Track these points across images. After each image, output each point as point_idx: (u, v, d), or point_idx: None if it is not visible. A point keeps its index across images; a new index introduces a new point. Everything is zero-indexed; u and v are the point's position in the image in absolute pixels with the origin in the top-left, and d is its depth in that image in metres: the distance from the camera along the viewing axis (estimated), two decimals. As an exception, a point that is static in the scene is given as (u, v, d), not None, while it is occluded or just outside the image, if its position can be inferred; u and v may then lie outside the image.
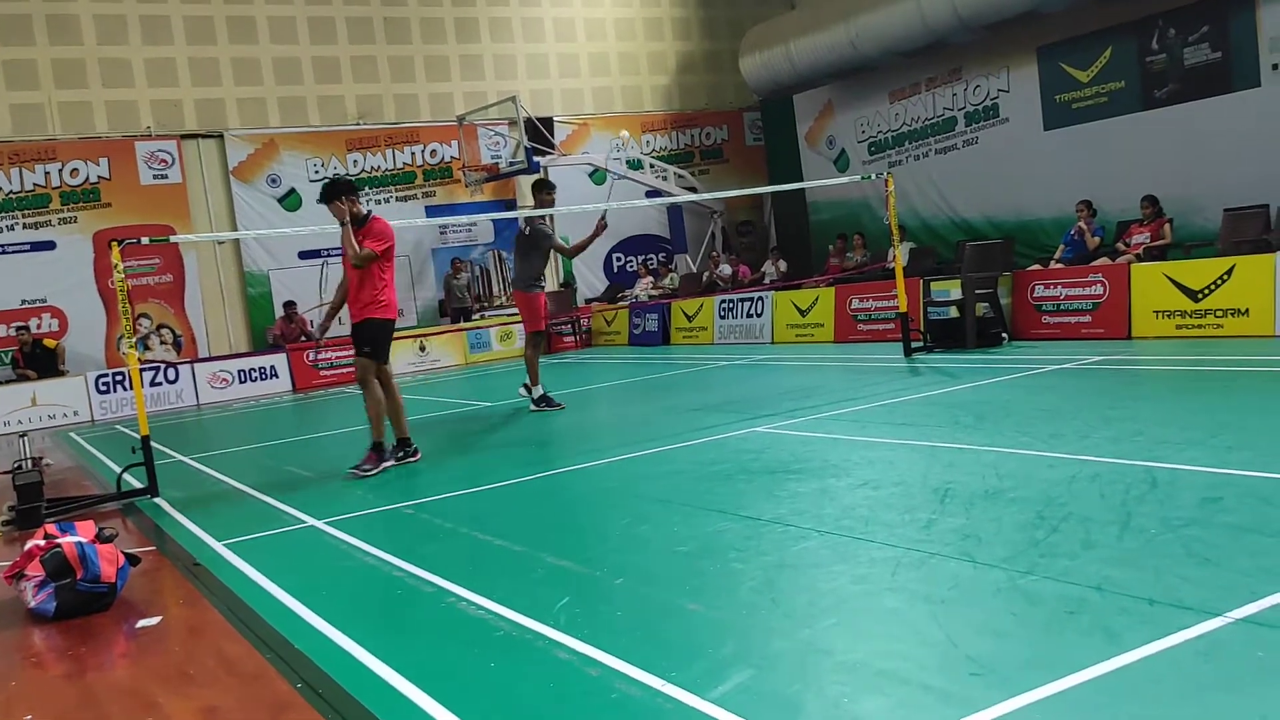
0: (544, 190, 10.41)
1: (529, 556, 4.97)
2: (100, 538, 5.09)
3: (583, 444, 8.35)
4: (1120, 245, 13.17)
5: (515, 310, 19.55)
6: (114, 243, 7.81)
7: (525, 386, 10.76)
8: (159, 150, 17.42)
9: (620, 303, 19.93)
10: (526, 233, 10.43)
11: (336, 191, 7.87)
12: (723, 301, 16.74)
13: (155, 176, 17.40)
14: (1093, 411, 6.95)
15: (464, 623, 4.06)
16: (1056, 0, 14.49)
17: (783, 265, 19.07)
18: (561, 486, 6.58)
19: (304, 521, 6.33)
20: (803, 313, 15.07)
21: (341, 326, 10.36)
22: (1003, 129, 17.15)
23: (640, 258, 21.38)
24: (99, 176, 17.00)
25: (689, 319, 17.47)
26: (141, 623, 4.63)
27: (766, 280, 18.49)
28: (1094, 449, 5.69)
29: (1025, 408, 7.41)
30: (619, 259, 21.61)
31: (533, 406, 10.57)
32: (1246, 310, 9.95)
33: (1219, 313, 10.17)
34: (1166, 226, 12.84)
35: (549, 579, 4.54)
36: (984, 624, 3.38)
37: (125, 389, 16.00)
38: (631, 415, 9.84)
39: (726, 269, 19.42)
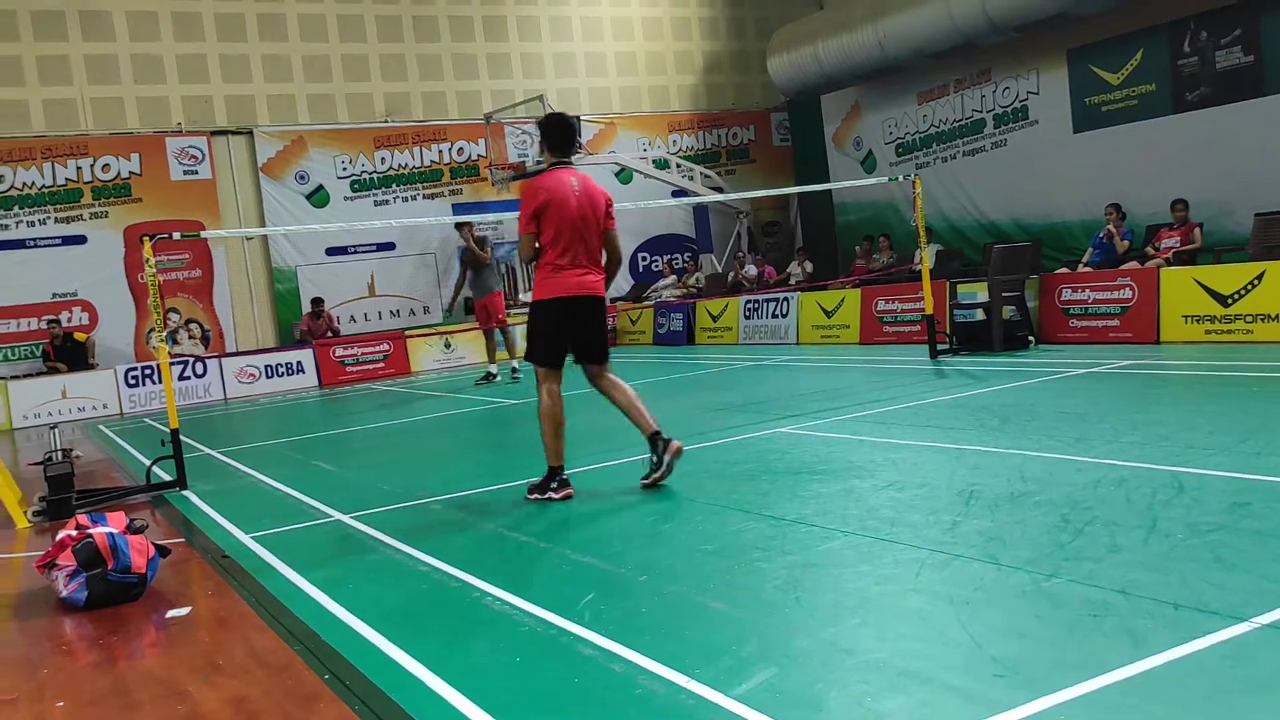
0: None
1: (553, 553, 5.00)
2: (131, 529, 5.16)
3: (607, 442, 8.37)
4: (1149, 249, 13.07)
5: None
6: (145, 238, 7.90)
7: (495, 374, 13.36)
8: (189, 146, 17.58)
9: (645, 302, 19.95)
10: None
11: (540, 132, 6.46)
12: (748, 302, 16.73)
13: (185, 172, 17.57)
14: (1119, 416, 6.91)
15: (489, 618, 4.09)
16: (1087, 2, 14.39)
17: (809, 266, 19.04)
18: (584, 484, 6.61)
19: (330, 516, 6.39)
20: (828, 314, 15.04)
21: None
22: (1032, 131, 17.05)
23: (666, 257, 21.40)
24: (130, 172, 17.18)
25: (714, 319, 17.47)
26: (171, 613, 4.69)
27: (792, 281, 18.46)
28: (1120, 453, 5.67)
29: (1051, 411, 7.38)
30: (644, 258, 21.64)
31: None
32: (1277, 316, 9.86)
33: (1249, 318, 10.09)
34: (1196, 231, 12.73)
35: (574, 575, 4.56)
36: (1008, 625, 3.38)
37: (154, 383, 16.16)
38: (655, 414, 9.83)
39: (752, 269, 19.40)
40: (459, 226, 14.26)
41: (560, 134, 6.27)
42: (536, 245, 6.05)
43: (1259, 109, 13.84)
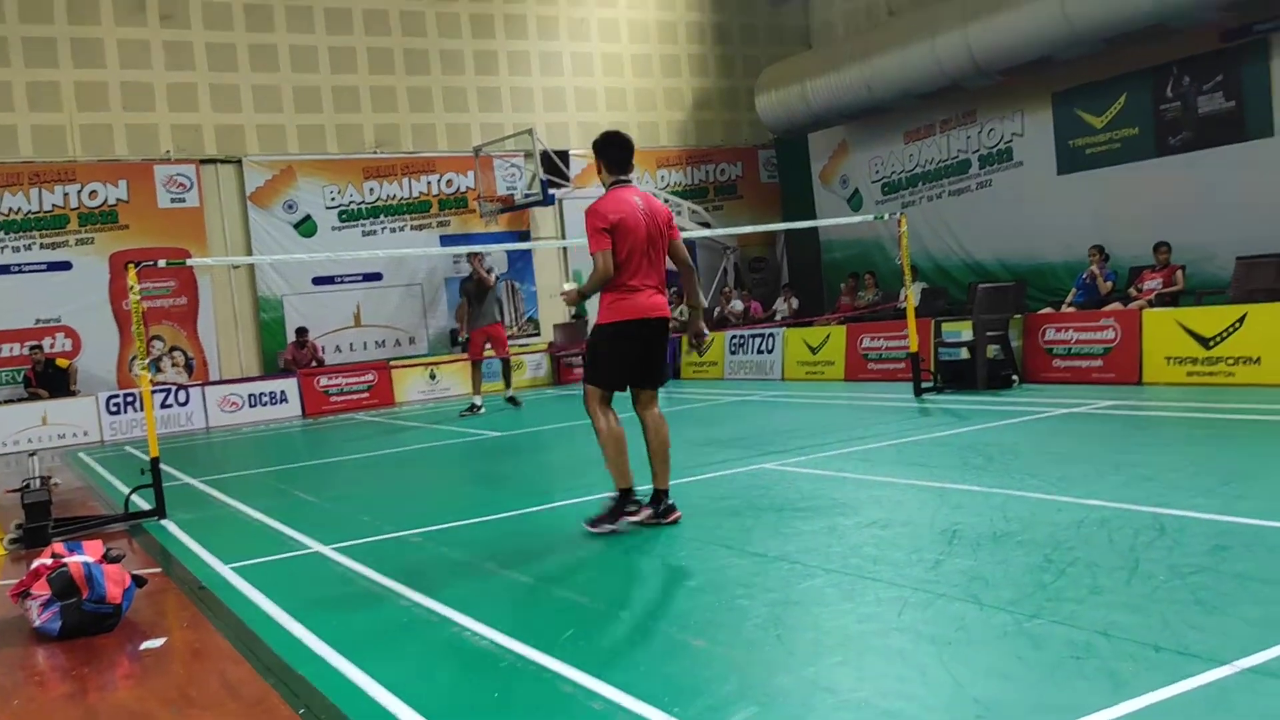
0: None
1: (534, 588, 4.96)
2: (107, 558, 5.10)
3: (590, 475, 8.33)
4: (1132, 291, 13.17)
5: (525, 340, 19.72)
6: (131, 265, 7.88)
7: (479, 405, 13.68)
8: (178, 174, 17.57)
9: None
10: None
11: (595, 150, 6.27)
12: (734, 337, 16.76)
13: (173, 200, 17.54)
14: (1102, 456, 6.93)
15: (469, 652, 4.06)
16: (1071, 47, 14.57)
17: (794, 302, 19.10)
18: (569, 518, 6.57)
19: (310, 547, 6.34)
20: (814, 350, 15.08)
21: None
22: (1017, 172, 17.21)
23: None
24: (117, 199, 17.15)
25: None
26: (145, 644, 4.63)
27: (778, 317, 18.51)
28: (1103, 494, 5.68)
29: (1034, 451, 7.39)
30: (631, 292, 21.63)
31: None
32: (1258, 359, 9.93)
33: (1230, 360, 10.15)
34: (1179, 273, 12.85)
35: (554, 610, 4.53)
36: (990, 666, 3.37)
37: (136, 410, 16.05)
38: (640, 448, 9.82)
39: (738, 305, 19.45)
40: (470, 257, 14.52)
41: (617, 152, 6.13)
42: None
43: (1240, 154, 14.01)
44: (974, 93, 17.04)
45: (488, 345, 14.49)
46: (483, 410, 14.17)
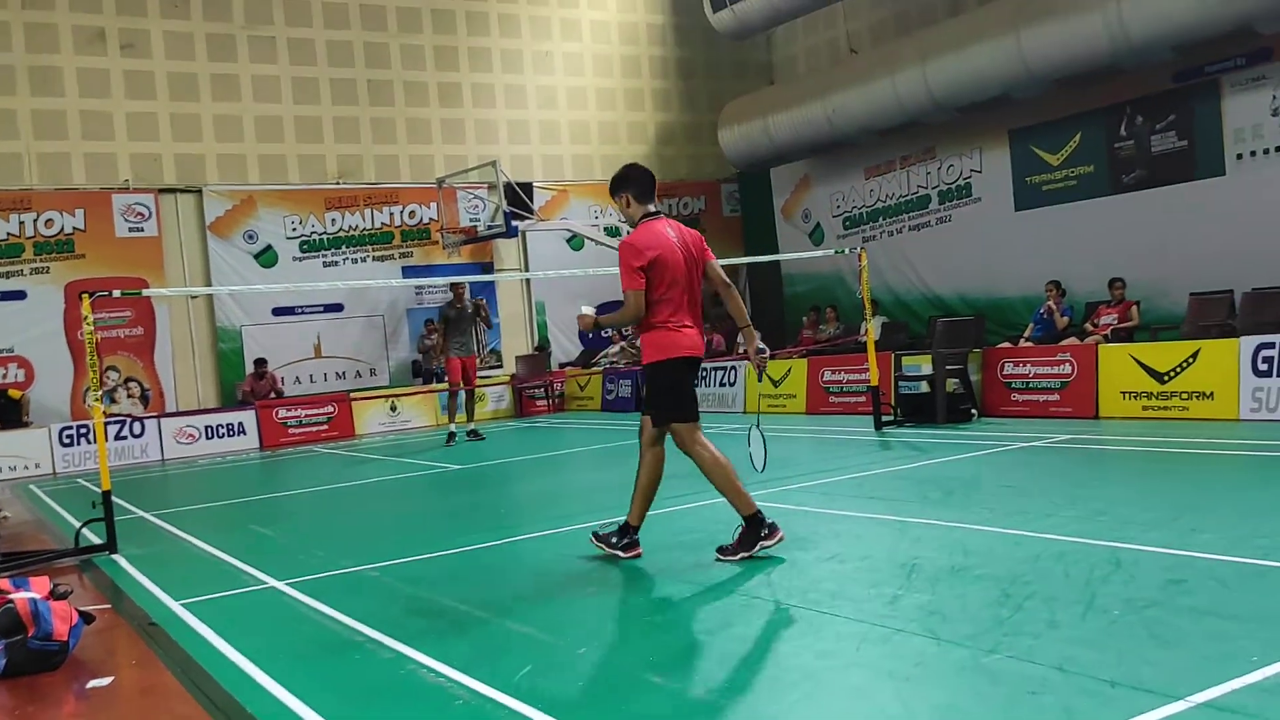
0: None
1: (492, 623, 4.91)
2: (54, 594, 4.99)
3: (551, 509, 8.30)
4: (1088, 326, 13.36)
5: (488, 372, 19.62)
6: (85, 295, 7.77)
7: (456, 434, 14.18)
8: (136, 203, 17.39)
9: (594, 368, 19.95)
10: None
11: (613, 186, 6.26)
12: (696, 370, 16.76)
13: (131, 229, 17.36)
14: (1059, 490, 6.99)
15: (423, 690, 4.00)
16: (1027, 86, 14.84)
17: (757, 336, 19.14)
18: (528, 552, 6.53)
19: (265, 582, 6.23)
20: (775, 383, 15.13)
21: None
22: (975, 208, 17.44)
23: (615, 324, 21.44)
24: (74, 228, 16.94)
25: (662, 386, 17.46)
26: (92, 683, 4.53)
27: (740, 350, 18.56)
28: (1060, 528, 5.72)
29: (993, 484, 7.44)
30: (594, 324, 21.64)
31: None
32: (1211, 393, 10.08)
33: (1184, 395, 10.30)
34: (1134, 308, 13.05)
35: (511, 646, 4.48)
36: (947, 702, 3.37)
37: (89, 442, 15.78)
38: (602, 481, 9.80)
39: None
40: (453, 286, 14.66)
41: (647, 181, 6.09)
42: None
43: (1192, 192, 14.29)
44: (933, 129, 17.29)
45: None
46: (454, 442, 14.18)
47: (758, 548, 5.61)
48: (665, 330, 5.73)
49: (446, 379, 14.94)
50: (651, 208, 6.03)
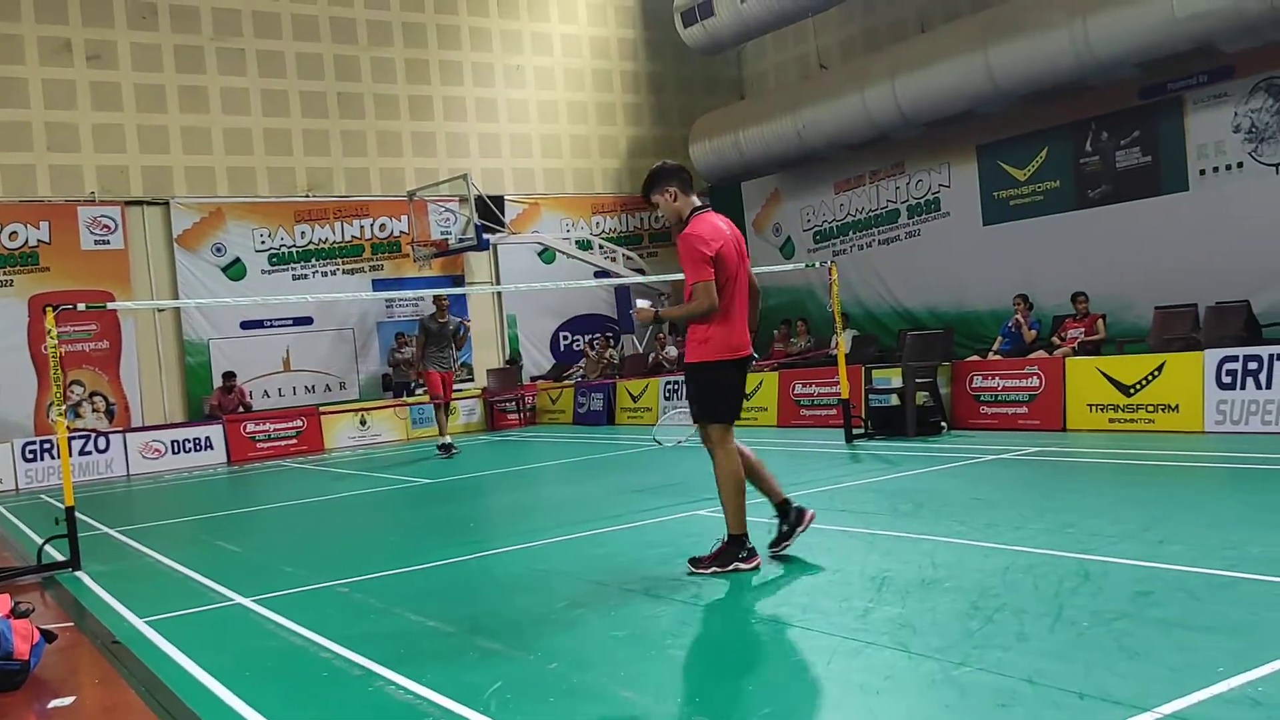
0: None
1: (461, 639, 4.87)
2: (15, 612, 4.91)
3: (522, 524, 8.25)
4: (1055, 339, 13.48)
5: (459, 385, 19.53)
6: (49, 308, 7.67)
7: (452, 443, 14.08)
8: (102, 216, 17.22)
9: (565, 381, 19.91)
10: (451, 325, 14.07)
11: (653, 182, 5.99)
12: (668, 383, 16.79)
13: (97, 242, 17.18)
14: (1028, 503, 7.03)
15: (392, 708, 3.95)
16: (995, 101, 14.99)
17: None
18: (498, 567, 6.49)
19: (231, 599, 6.16)
20: (747, 396, 15.14)
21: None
22: (944, 223, 17.58)
23: (587, 337, 21.43)
24: (39, 240, 16.74)
25: (634, 399, 17.48)
26: (54, 703, 4.45)
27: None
28: (1029, 540, 5.75)
29: (962, 497, 7.48)
30: (565, 338, 21.65)
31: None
32: (1176, 406, 10.19)
33: (1150, 408, 10.40)
34: (1100, 321, 13.18)
35: (481, 663, 4.44)
36: (918, 715, 3.37)
37: (53, 457, 15.57)
38: (572, 495, 9.77)
39: (673, 350, 19.50)
40: (437, 299, 14.52)
41: (689, 175, 5.98)
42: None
43: (1156, 207, 14.47)
44: (902, 144, 17.42)
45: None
46: (456, 449, 14.21)
47: (731, 567, 5.54)
48: (716, 327, 5.60)
49: (427, 391, 14.84)
50: (697, 200, 5.91)
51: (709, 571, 5.56)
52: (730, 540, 5.60)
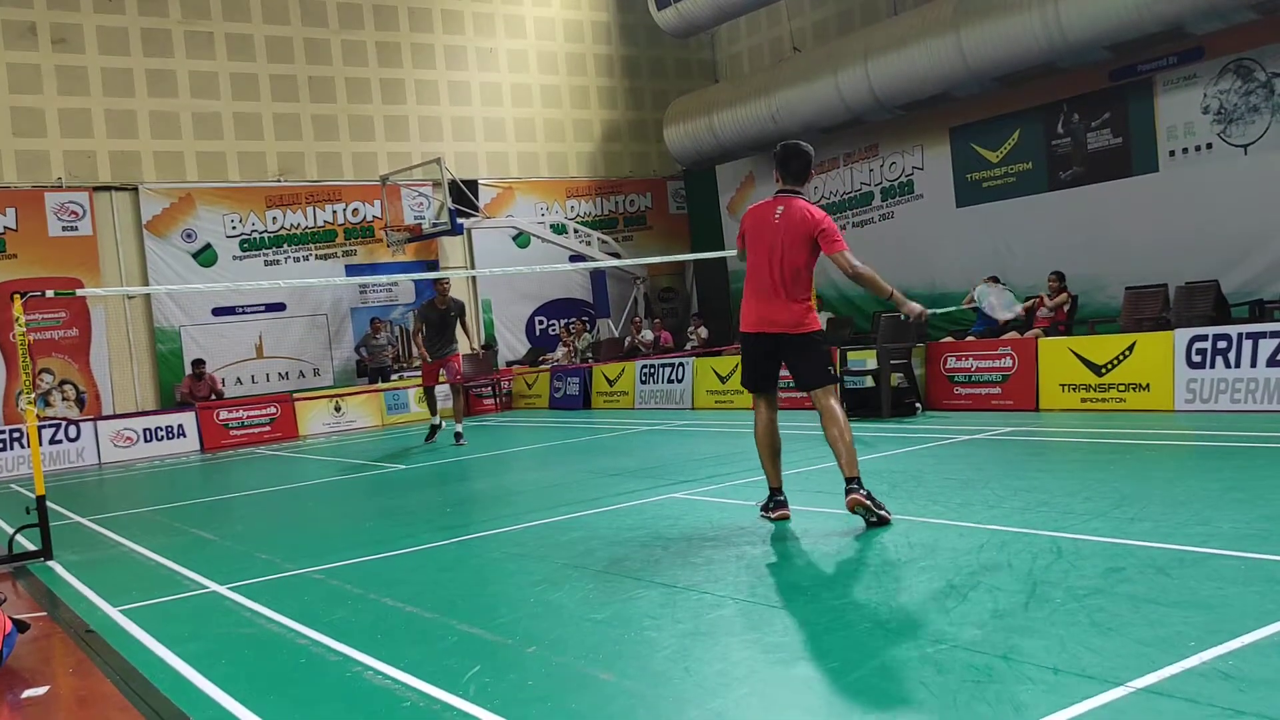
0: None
1: (439, 624, 4.86)
2: (-13, 602, 4.86)
3: (498, 508, 8.25)
4: (1035, 303, 13.43)
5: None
6: (16, 295, 7.58)
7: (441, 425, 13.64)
8: (70, 201, 17.01)
9: (541, 366, 19.88)
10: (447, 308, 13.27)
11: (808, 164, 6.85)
12: (644, 367, 16.80)
13: (65, 228, 16.97)
14: (1001, 482, 7.09)
15: (370, 693, 3.95)
16: (967, 84, 15.04)
17: (704, 332, 19.23)
18: (475, 551, 6.48)
19: (206, 587, 6.12)
20: (723, 379, 15.18)
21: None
22: (917, 205, 17.64)
23: (563, 321, 21.40)
24: (5, 227, 16.53)
25: (610, 383, 17.47)
26: (27, 693, 4.41)
27: (688, 346, 18.61)
28: (1003, 519, 5.79)
29: (937, 477, 7.53)
30: (541, 322, 21.60)
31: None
32: (1147, 385, 10.28)
33: (1121, 387, 10.50)
34: (1064, 295, 13.21)
35: (459, 647, 4.44)
36: (895, 694, 3.39)
37: (22, 446, 15.40)
38: (549, 479, 9.77)
39: (649, 334, 19.52)
40: (436, 283, 13.96)
41: (797, 163, 6.69)
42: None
43: (1127, 188, 14.58)
44: (876, 127, 17.46)
45: (442, 373, 13.71)
46: (443, 426, 13.76)
47: (762, 515, 6.40)
48: (744, 298, 6.64)
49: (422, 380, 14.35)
50: (784, 188, 6.80)
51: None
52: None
